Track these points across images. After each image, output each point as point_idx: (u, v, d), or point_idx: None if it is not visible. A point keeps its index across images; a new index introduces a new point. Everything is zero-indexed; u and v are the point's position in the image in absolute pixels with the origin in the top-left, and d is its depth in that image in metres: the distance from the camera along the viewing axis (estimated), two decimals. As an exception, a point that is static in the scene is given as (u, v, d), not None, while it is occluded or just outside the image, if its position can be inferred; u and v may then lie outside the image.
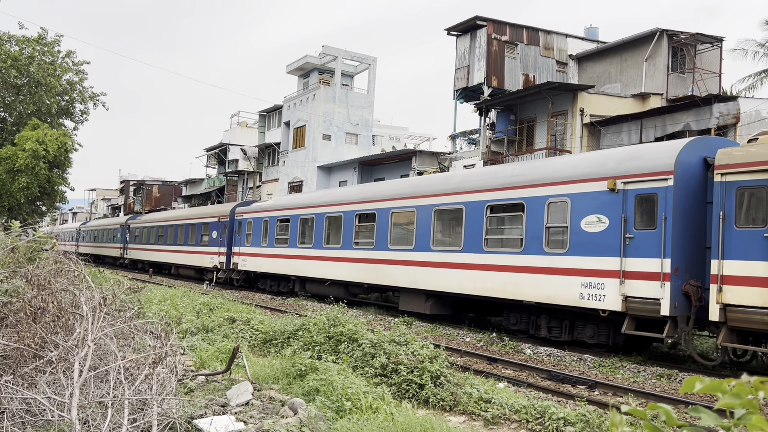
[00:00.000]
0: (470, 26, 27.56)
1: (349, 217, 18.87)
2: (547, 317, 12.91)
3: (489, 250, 13.74)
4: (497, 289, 13.41)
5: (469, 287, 14.16)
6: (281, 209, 23.28)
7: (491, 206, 13.87)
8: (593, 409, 6.99)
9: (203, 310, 14.10)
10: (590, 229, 11.57)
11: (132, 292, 7.69)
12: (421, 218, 15.89)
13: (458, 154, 30.32)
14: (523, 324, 13.56)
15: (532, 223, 12.76)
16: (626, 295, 10.85)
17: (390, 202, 17.22)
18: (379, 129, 55.04)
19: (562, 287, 11.94)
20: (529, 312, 13.42)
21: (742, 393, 1.20)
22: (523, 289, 12.78)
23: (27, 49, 34.61)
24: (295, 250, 21.60)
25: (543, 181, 12.68)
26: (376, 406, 6.54)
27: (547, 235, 12.44)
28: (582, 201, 11.79)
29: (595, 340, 11.99)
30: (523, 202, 13.00)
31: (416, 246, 15.92)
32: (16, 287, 6.54)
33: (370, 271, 17.66)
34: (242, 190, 48.25)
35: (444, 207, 15.25)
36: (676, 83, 25.14)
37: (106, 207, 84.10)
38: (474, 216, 14.22)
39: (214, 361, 8.69)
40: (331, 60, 41.08)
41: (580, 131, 23.50)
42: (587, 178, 11.81)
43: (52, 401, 4.77)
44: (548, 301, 12.29)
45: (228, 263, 26.72)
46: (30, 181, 31.67)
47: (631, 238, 10.88)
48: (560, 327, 12.67)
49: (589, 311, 11.68)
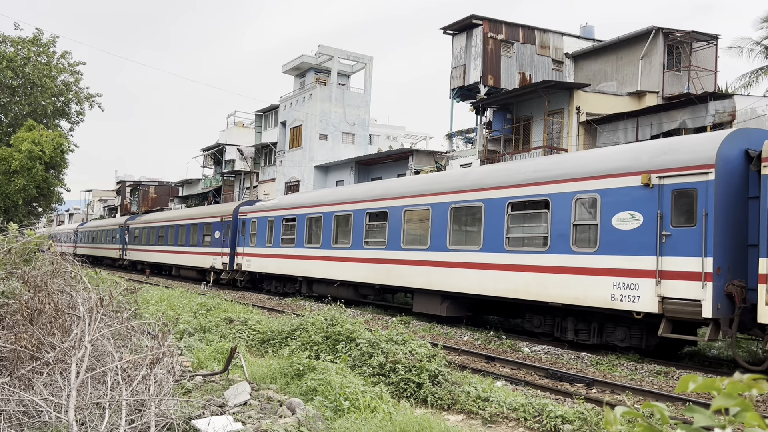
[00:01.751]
0: (466, 25, 27.56)
1: (358, 216, 18.29)
2: (573, 319, 12.28)
3: (510, 249, 13.12)
4: (520, 290, 12.79)
5: (489, 288, 13.56)
6: (287, 208, 22.67)
7: (513, 203, 13.23)
8: (591, 407, 7.00)
9: (200, 310, 14.09)
10: (622, 227, 10.96)
11: (129, 293, 7.67)
12: (436, 216, 15.29)
13: (455, 153, 30.33)
14: (547, 327, 12.95)
15: (557, 220, 12.13)
16: (663, 296, 10.25)
17: (403, 200, 16.61)
18: (376, 128, 55.02)
19: (592, 288, 11.35)
20: (553, 314, 12.80)
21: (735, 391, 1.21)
22: (549, 290, 12.16)
23: (22, 50, 34.51)
24: (302, 251, 21.02)
25: (569, 177, 12.06)
26: (374, 405, 6.54)
27: (574, 233, 11.84)
28: (613, 197, 11.18)
29: (626, 343, 11.38)
30: (548, 199, 12.36)
31: (431, 245, 15.32)
32: (13, 289, 6.53)
33: (381, 272, 17.07)
34: (239, 190, 48.19)
35: (461, 204, 14.61)
36: (672, 81, 25.18)
37: (102, 208, 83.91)
38: (494, 214, 13.59)
39: (211, 361, 8.69)
40: (327, 59, 41.07)
41: (576, 129, 23.52)
42: (618, 173, 11.19)
43: (49, 403, 4.77)
44: (576, 302, 11.67)
45: (231, 264, 26.19)
46: (27, 182, 31.59)
47: (668, 236, 10.28)
48: (588, 330, 12.07)
49: (622, 313, 11.10)
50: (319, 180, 38.28)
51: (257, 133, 47.66)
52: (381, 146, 47.64)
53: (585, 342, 12.06)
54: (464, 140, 33.39)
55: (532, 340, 13.37)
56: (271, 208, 23.89)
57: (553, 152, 22.59)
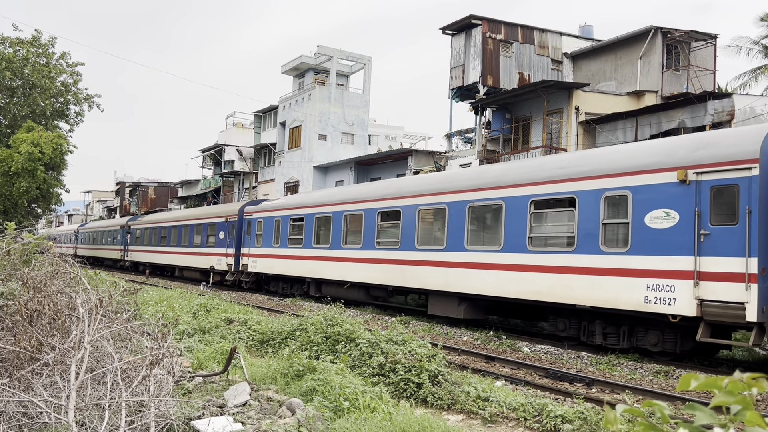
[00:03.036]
0: (465, 25, 27.57)
1: (370, 216, 17.75)
2: (602, 323, 11.70)
3: (534, 249, 12.57)
4: (544, 292, 12.21)
5: (510, 290, 12.99)
6: (294, 208, 22.12)
7: (536, 201, 12.66)
8: (591, 406, 7.00)
9: (200, 311, 14.09)
10: (656, 225, 10.40)
11: (128, 294, 7.67)
12: (453, 215, 14.69)
13: (454, 153, 30.34)
14: (572, 330, 12.38)
15: (585, 219, 11.58)
16: (702, 299, 9.71)
17: (417, 199, 16.01)
18: (375, 129, 55.03)
19: (623, 290, 10.78)
20: (579, 317, 12.21)
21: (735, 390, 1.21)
22: (576, 292, 11.58)
23: (21, 51, 34.50)
24: (311, 251, 20.47)
25: (598, 173, 11.49)
26: (374, 405, 6.54)
27: (603, 233, 11.27)
28: (646, 194, 10.60)
29: (659, 347, 10.86)
30: (575, 197, 11.80)
31: (448, 245, 14.75)
32: (12, 290, 6.52)
33: (395, 273, 16.49)
34: (238, 190, 48.18)
35: (480, 203, 14.04)
36: (671, 81, 25.20)
37: (101, 209, 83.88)
38: (515, 212, 13.01)
39: (211, 362, 8.69)
40: (326, 60, 41.07)
41: (575, 129, 23.53)
42: (651, 169, 10.60)
43: (48, 404, 4.76)
44: (606, 305, 11.08)
45: (237, 265, 25.70)
46: (29, 184, 31.60)
47: (707, 235, 9.74)
48: (617, 333, 11.51)
49: (656, 316, 10.55)
50: (319, 180, 38.28)
51: (256, 134, 47.67)
52: (380, 146, 47.66)
53: (614, 346, 11.51)
54: (463, 140, 33.40)
55: (532, 339, 13.36)
56: (278, 207, 23.33)
57: (552, 152, 22.59)
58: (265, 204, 25.17)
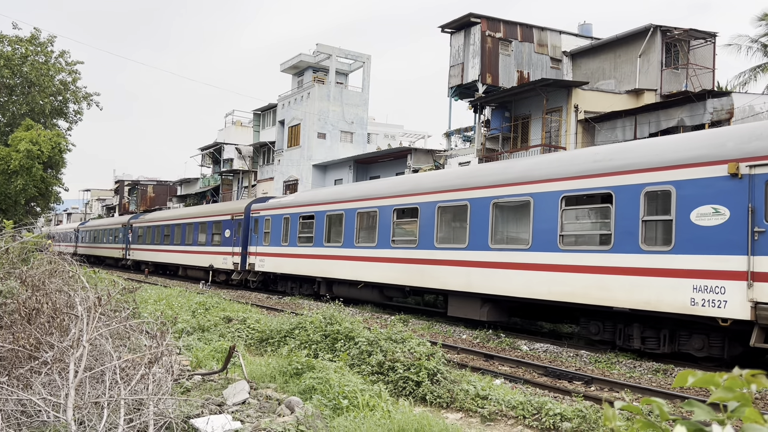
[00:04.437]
0: (464, 23, 27.55)
1: (385, 213, 17.06)
2: (640, 326, 11.02)
3: (565, 248, 11.88)
4: (577, 294, 11.52)
5: (539, 291, 12.28)
6: (304, 205, 21.42)
7: (568, 197, 11.98)
8: (590, 404, 7.01)
9: (199, 309, 14.09)
10: (704, 223, 9.75)
11: (127, 293, 7.66)
12: (475, 213, 13.99)
13: (453, 151, 30.34)
14: (607, 334, 11.68)
15: (623, 216, 10.89)
16: (756, 301, 9.06)
17: (436, 195, 15.33)
18: (374, 127, 55.03)
19: (667, 291, 10.12)
20: (614, 320, 11.53)
21: (734, 386, 1.20)
22: (613, 294, 10.91)
23: (20, 49, 34.44)
24: (322, 250, 19.83)
25: (637, 167, 10.79)
26: (373, 403, 6.55)
27: (643, 230, 10.60)
28: (692, 189, 9.94)
29: (704, 353, 10.23)
30: (611, 192, 11.13)
31: (470, 244, 14.06)
32: (11, 288, 6.52)
33: (412, 273, 15.82)
34: (237, 189, 48.16)
35: (505, 200, 13.37)
36: (670, 79, 25.20)
37: (100, 207, 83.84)
38: (545, 209, 12.33)
39: (210, 360, 8.69)
40: (325, 58, 41.04)
41: (574, 128, 23.53)
42: (698, 162, 9.92)
43: (47, 402, 4.76)
44: (647, 307, 10.41)
45: (243, 264, 25.05)
46: (27, 182, 31.55)
47: (762, 233, 9.11)
48: (657, 337, 10.83)
49: (703, 320, 9.88)
50: (318, 179, 38.28)
51: (255, 132, 47.64)
52: (379, 145, 47.64)
53: (654, 351, 10.86)
54: (463, 138, 33.38)
55: (531, 338, 13.36)
56: (287, 205, 22.62)
57: (552, 150, 22.59)
58: (273, 201, 24.45)
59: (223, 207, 29.40)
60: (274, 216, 23.21)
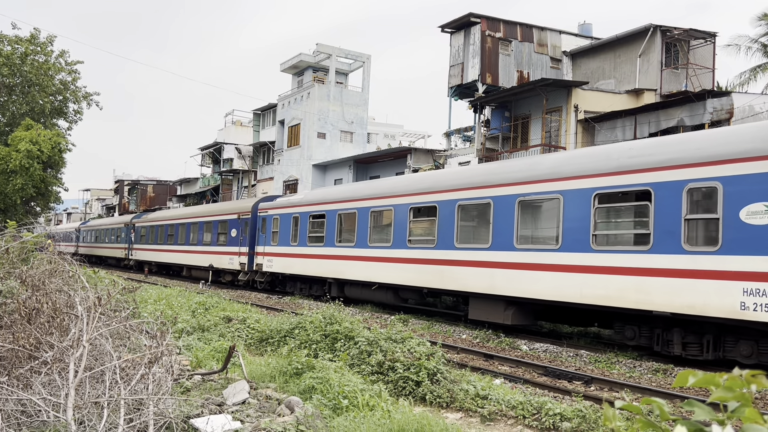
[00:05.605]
0: (464, 23, 27.56)
1: (401, 212, 16.48)
2: (681, 331, 10.42)
3: (599, 248, 11.24)
4: (612, 297, 10.93)
5: (570, 294, 11.66)
6: (314, 204, 20.81)
7: (601, 195, 11.34)
8: (589, 404, 7.01)
9: (199, 309, 14.09)
10: (755, 221, 9.17)
11: (127, 292, 7.66)
12: (499, 211, 13.42)
13: (453, 151, 30.34)
14: (643, 339, 11.09)
15: (663, 214, 10.27)
16: None
17: (456, 193, 14.74)
18: (374, 127, 55.05)
19: (713, 294, 9.53)
20: (651, 324, 10.96)
21: (734, 386, 1.20)
22: (652, 297, 10.30)
23: (20, 48, 34.44)
24: (333, 250, 19.25)
25: (678, 162, 10.19)
26: (373, 403, 6.55)
27: (686, 230, 9.97)
28: (740, 185, 9.35)
29: (753, 359, 9.59)
30: (650, 189, 10.50)
31: (494, 244, 13.47)
32: (11, 288, 6.52)
33: (431, 274, 15.20)
34: (237, 189, 48.17)
35: (531, 197, 12.78)
36: (670, 79, 25.21)
37: (100, 207, 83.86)
38: (576, 207, 11.71)
39: (210, 360, 8.69)
40: (325, 58, 41.05)
41: (574, 127, 23.54)
42: (747, 157, 9.34)
43: (47, 402, 4.76)
44: (690, 311, 9.81)
45: (251, 264, 24.44)
46: (25, 182, 31.56)
47: None
48: (699, 343, 10.24)
49: (755, 325, 9.31)
50: (317, 179, 38.29)
51: (255, 132, 47.65)
52: (379, 145, 47.65)
53: (696, 358, 10.30)
54: (462, 138, 33.38)
55: (531, 338, 13.36)
56: (296, 203, 22.00)
57: (552, 150, 22.60)
58: (281, 200, 23.89)
59: (229, 206, 28.76)
60: (282, 215, 22.69)
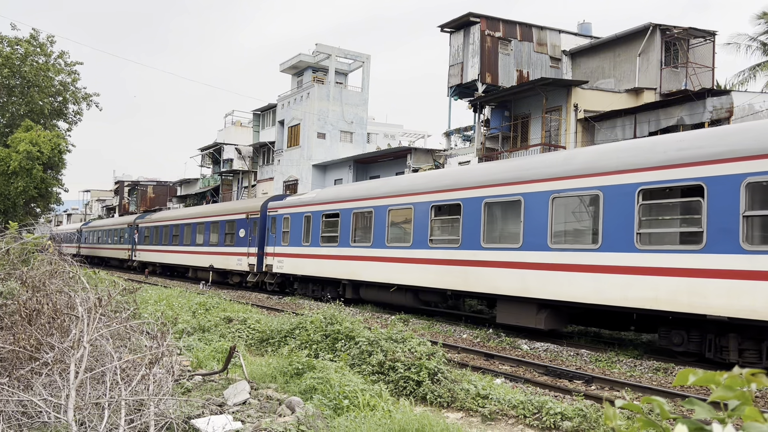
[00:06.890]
0: (463, 23, 27.56)
1: (421, 210, 15.77)
2: (737, 337, 9.71)
3: (644, 247, 10.52)
4: (661, 300, 10.19)
5: (612, 296, 10.95)
6: (328, 202, 20.11)
7: (645, 191, 10.63)
8: (590, 403, 7.01)
9: (199, 310, 14.09)
10: None
11: (127, 293, 7.67)
12: (530, 209, 12.70)
13: (453, 150, 30.35)
14: (692, 344, 10.39)
15: (718, 211, 9.57)
16: None
17: (482, 190, 14.02)
18: (374, 127, 55.03)
19: None
20: (701, 329, 10.24)
21: (734, 385, 1.21)
22: (708, 300, 9.59)
23: (19, 49, 34.45)
24: (348, 250, 18.57)
25: (736, 154, 9.43)
26: (373, 403, 6.55)
27: (745, 227, 9.24)
28: None
29: None
30: (702, 184, 9.79)
31: (525, 243, 12.76)
32: (11, 289, 6.52)
33: (454, 275, 14.51)
34: (237, 189, 48.19)
35: (567, 194, 12.02)
36: (670, 78, 25.21)
37: (100, 208, 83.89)
38: (617, 204, 11.00)
39: (210, 360, 8.69)
40: (324, 58, 41.06)
41: (574, 127, 23.54)
42: None
43: (48, 403, 4.76)
44: (752, 316, 9.11)
45: (260, 265, 23.79)
46: (27, 183, 31.57)
47: None
48: (758, 350, 9.55)
49: None
50: (317, 179, 38.30)
51: (255, 132, 47.66)
52: (379, 145, 47.66)
53: (754, 365, 9.36)
54: (462, 138, 33.40)
55: (531, 337, 13.35)
56: (308, 202, 21.28)
57: (551, 150, 22.60)
58: (291, 199, 23.19)
59: (237, 205, 28.06)
60: (293, 214, 21.97)
